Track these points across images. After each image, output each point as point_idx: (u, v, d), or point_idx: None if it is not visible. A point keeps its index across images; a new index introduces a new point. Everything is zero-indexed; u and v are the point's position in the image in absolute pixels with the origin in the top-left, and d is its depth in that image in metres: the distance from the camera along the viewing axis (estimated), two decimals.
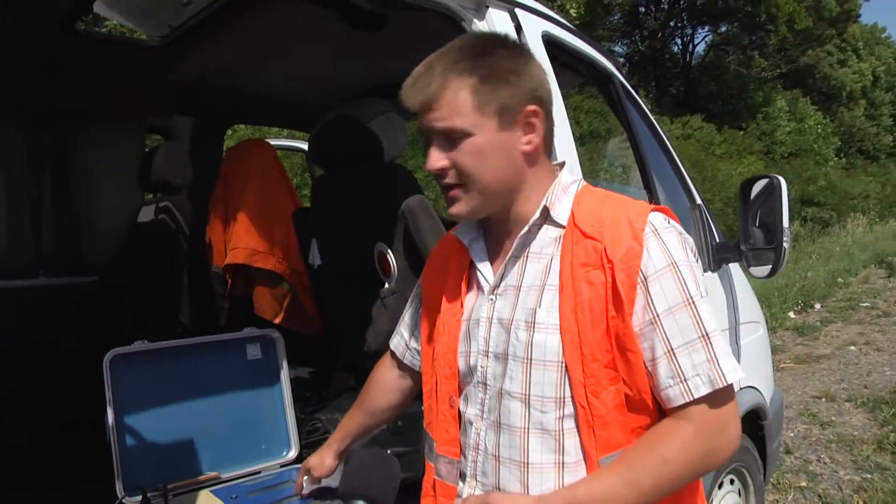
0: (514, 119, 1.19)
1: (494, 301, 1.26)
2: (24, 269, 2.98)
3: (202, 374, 2.07)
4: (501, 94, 1.17)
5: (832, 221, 20.99)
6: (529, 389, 1.19)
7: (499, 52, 1.20)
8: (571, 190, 1.26)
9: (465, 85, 1.16)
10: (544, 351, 1.17)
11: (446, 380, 1.33)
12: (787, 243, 2.45)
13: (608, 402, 1.14)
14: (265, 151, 2.98)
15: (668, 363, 1.12)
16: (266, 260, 2.75)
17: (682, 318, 1.12)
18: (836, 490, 4.03)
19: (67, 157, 3.10)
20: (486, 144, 1.18)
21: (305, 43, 2.57)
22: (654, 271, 1.13)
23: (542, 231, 1.24)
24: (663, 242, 1.15)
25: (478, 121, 1.17)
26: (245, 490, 1.97)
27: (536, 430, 1.19)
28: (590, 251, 1.16)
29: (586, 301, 1.14)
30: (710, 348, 1.12)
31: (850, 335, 8.33)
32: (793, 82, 30.47)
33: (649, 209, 1.19)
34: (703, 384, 1.11)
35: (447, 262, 1.40)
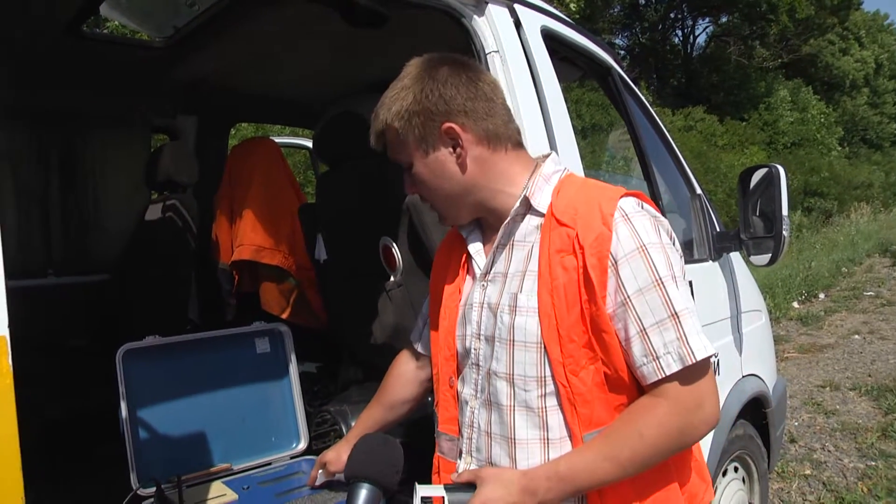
0: (434, 143, 1.29)
1: (486, 287, 1.35)
2: (34, 269, 3.02)
3: (212, 367, 2.10)
4: (413, 128, 1.28)
5: (835, 211, 20.95)
6: (513, 369, 1.27)
7: (406, 85, 1.30)
8: (553, 179, 1.33)
9: (388, 125, 1.30)
10: (525, 333, 1.25)
11: (446, 361, 1.42)
12: (786, 232, 2.48)
13: (587, 380, 1.21)
14: (269, 148, 3.00)
15: (640, 342, 1.18)
16: (272, 256, 2.77)
17: (652, 299, 1.17)
18: (840, 478, 4.06)
19: (75, 157, 3.13)
20: (423, 171, 1.31)
21: (308, 42, 2.60)
22: (623, 255, 1.18)
23: (526, 220, 1.32)
24: (633, 226, 1.20)
25: (409, 153, 1.31)
26: (256, 481, 2.00)
27: (521, 408, 1.27)
28: (564, 238, 1.23)
29: (561, 285, 1.21)
30: (680, 326, 1.17)
31: (854, 324, 8.34)
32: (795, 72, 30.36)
33: (620, 194, 1.25)
34: (674, 361, 1.16)
35: (451, 253, 1.49)
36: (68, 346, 2.86)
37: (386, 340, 2.24)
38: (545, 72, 2.00)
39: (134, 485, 1.84)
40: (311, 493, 1.89)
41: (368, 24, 2.06)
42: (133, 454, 1.85)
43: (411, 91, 1.29)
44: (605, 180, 1.42)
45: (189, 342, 2.08)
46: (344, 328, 2.62)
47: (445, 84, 1.29)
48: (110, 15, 2.72)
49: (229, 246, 2.89)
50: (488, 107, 1.31)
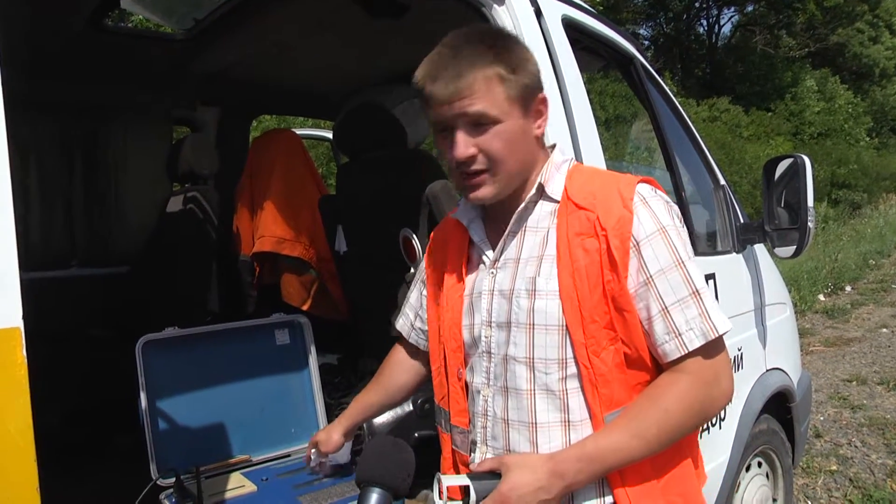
0: (530, 106, 1.26)
1: (495, 274, 1.34)
2: (58, 260, 3.06)
3: (232, 359, 2.11)
4: (524, 83, 1.23)
5: (863, 203, 20.62)
6: (533, 353, 1.26)
7: (512, 43, 1.27)
8: (563, 168, 1.34)
9: (494, 74, 1.20)
10: (545, 316, 1.25)
11: (453, 353, 1.40)
12: (811, 223, 2.44)
13: (608, 360, 1.22)
14: (290, 140, 3.01)
15: (662, 320, 1.20)
16: (293, 247, 2.78)
17: (674, 278, 1.20)
18: (868, 474, 3.99)
19: (97, 149, 3.16)
20: (512, 130, 1.24)
21: (328, 32, 2.59)
22: (644, 236, 1.21)
23: (538, 206, 1.32)
24: (651, 209, 1.23)
25: (506, 108, 1.22)
26: (275, 472, 2.01)
27: (542, 392, 1.26)
28: (583, 221, 1.24)
29: (583, 267, 1.22)
30: (702, 303, 1.20)
31: (882, 317, 8.21)
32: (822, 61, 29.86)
33: (637, 180, 1.27)
34: (697, 337, 1.19)
35: (447, 243, 1.47)
36: (90, 337, 2.89)
37: None
38: (566, 61, 1.98)
39: (154, 475, 1.85)
40: (331, 483, 1.90)
41: (388, 14, 2.05)
42: (152, 445, 1.87)
43: (518, 46, 1.27)
44: (628, 171, 1.41)
45: (208, 333, 2.09)
46: (364, 320, 2.62)
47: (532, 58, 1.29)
48: (131, 8, 2.73)
49: (250, 237, 2.90)
50: None
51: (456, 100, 1.20)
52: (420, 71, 1.25)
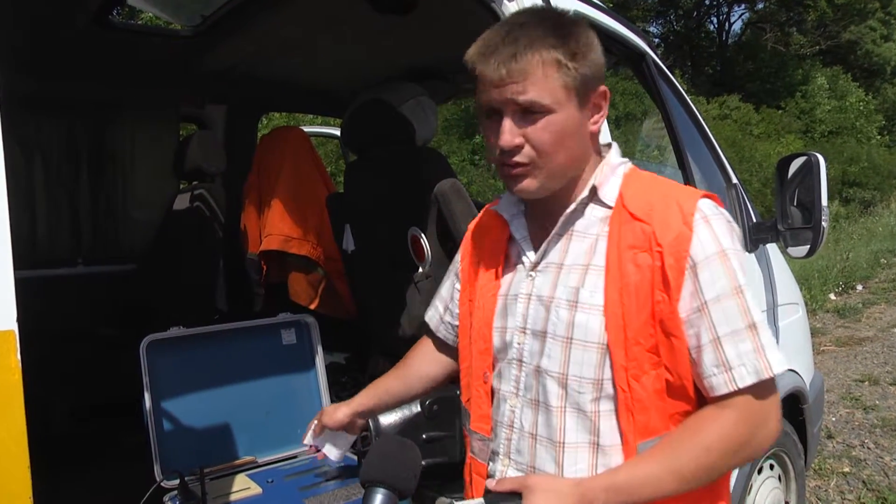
0: (588, 99, 1.17)
1: (534, 278, 1.25)
2: (64, 258, 3.05)
3: (237, 359, 2.09)
4: (584, 73, 1.14)
5: (875, 201, 20.48)
6: (568, 369, 1.17)
7: (577, 28, 1.16)
8: (619, 171, 1.24)
9: (553, 60, 1.11)
10: (585, 332, 1.16)
11: (480, 355, 1.32)
12: (825, 222, 2.39)
13: (648, 386, 1.13)
14: (298, 138, 2.99)
15: (713, 351, 1.10)
16: (300, 246, 2.76)
17: (730, 307, 1.10)
18: (881, 476, 3.94)
19: (103, 147, 3.15)
20: (565, 123, 1.14)
21: (336, 29, 2.56)
22: (703, 257, 1.11)
23: (588, 210, 1.22)
24: (713, 229, 1.12)
25: (561, 98, 1.13)
26: (281, 474, 1.99)
27: (573, 410, 1.18)
28: (638, 233, 1.14)
29: (632, 284, 1.13)
30: (758, 338, 1.10)
31: (894, 317, 8.13)
32: (833, 59, 29.67)
33: (699, 195, 1.17)
34: (749, 374, 1.09)
35: (485, 237, 1.39)
36: (97, 335, 2.88)
37: (414, 332, 2.21)
38: None
39: (157, 477, 1.83)
40: (337, 486, 1.87)
41: (396, 9, 2.02)
42: (156, 446, 1.85)
43: (586, 34, 1.16)
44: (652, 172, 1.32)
45: (214, 333, 2.08)
46: (372, 319, 2.60)
47: (598, 47, 1.18)
48: (137, 4, 2.72)
49: (257, 236, 2.89)
50: None
51: (508, 83, 1.12)
52: (473, 47, 1.16)
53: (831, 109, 26.36)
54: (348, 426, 1.63)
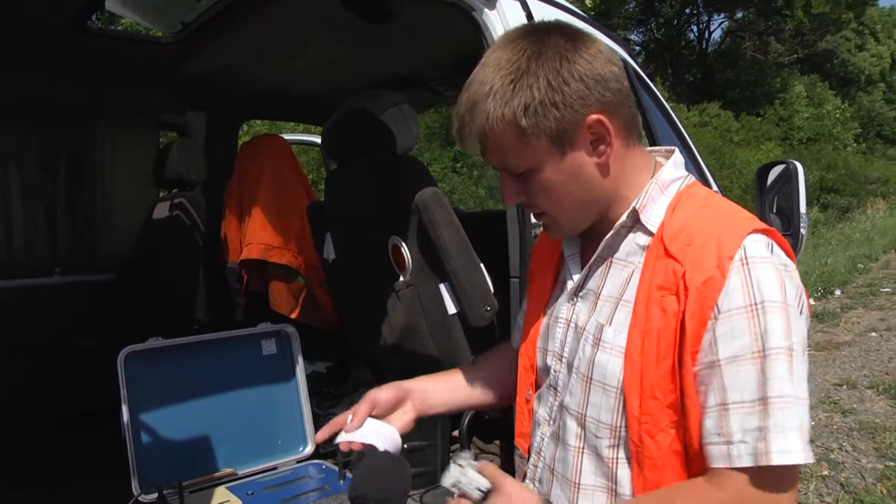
0: (574, 139, 1.05)
1: (575, 304, 1.17)
2: (40, 268, 3.01)
3: (217, 370, 2.07)
4: (549, 121, 1.03)
5: (852, 207, 20.76)
6: (586, 410, 1.10)
7: (535, 63, 1.03)
8: (671, 189, 1.11)
9: (507, 123, 1.03)
10: (605, 374, 1.07)
11: (525, 372, 1.27)
12: (804, 229, 2.43)
13: (664, 445, 1.02)
14: (278, 146, 2.98)
15: (717, 416, 0.97)
16: (281, 255, 2.75)
17: (746, 372, 0.95)
18: (858, 479, 3.98)
19: (82, 154, 3.11)
20: (552, 176, 1.06)
21: (317, 36, 2.56)
22: (727, 309, 0.96)
23: (631, 236, 1.11)
24: (750, 276, 0.97)
25: (535, 155, 1.05)
26: (261, 486, 1.97)
27: (590, 453, 1.10)
28: (669, 273, 1.02)
29: (655, 329, 1.01)
30: (767, 417, 0.93)
31: (871, 321, 8.22)
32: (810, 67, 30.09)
33: (749, 230, 1.00)
34: (746, 454, 0.94)
35: (546, 250, 1.32)
36: (75, 346, 2.84)
37: (395, 341, 2.20)
38: None
39: (135, 490, 1.81)
40: (318, 497, 1.86)
41: (377, 17, 2.02)
42: (134, 459, 1.83)
43: (539, 75, 1.02)
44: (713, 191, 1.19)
45: (193, 344, 2.06)
46: (353, 328, 2.59)
47: (580, 61, 1.03)
48: (116, 10, 2.69)
49: (238, 244, 2.87)
50: (620, 87, 1.07)
51: (484, 155, 1.09)
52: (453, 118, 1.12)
53: (809, 117, 26.74)
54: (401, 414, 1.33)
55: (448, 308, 2.04)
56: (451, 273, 1.98)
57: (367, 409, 1.26)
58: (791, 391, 0.94)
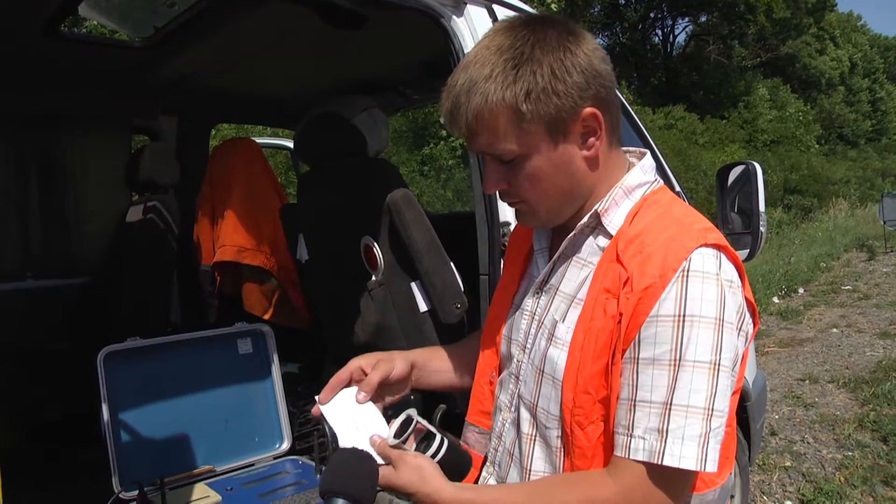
0: (568, 130, 1.06)
1: (539, 297, 1.20)
2: (12, 272, 3.00)
3: (195, 369, 2.10)
4: (549, 108, 1.03)
5: (814, 207, 21.20)
6: (538, 400, 1.14)
7: (537, 59, 1.03)
8: (636, 194, 1.13)
9: (506, 106, 1.02)
10: (554, 368, 1.10)
11: (490, 354, 1.30)
12: (763, 227, 2.51)
13: (593, 436, 1.06)
14: (250, 149, 3.01)
15: (626, 410, 1.01)
16: (254, 256, 2.77)
17: (659, 376, 0.99)
18: (819, 469, 4.11)
19: (53, 158, 3.11)
20: (544, 164, 1.07)
21: (288, 42, 2.59)
22: (656, 314, 0.99)
23: (593, 236, 1.14)
24: (687, 288, 0.99)
25: (528, 141, 1.05)
26: (239, 482, 2.01)
27: (541, 442, 1.15)
28: (615, 277, 1.04)
29: (596, 329, 1.05)
30: (667, 421, 0.97)
31: (833, 318, 8.43)
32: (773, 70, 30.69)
33: (699, 243, 1.02)
34: (641, 450, 0.98)
35: (521, 239, 1.34)
36: (48, 350, 2.84)
37: (368, 339, 2.25)
38: None
39: (116, 488, 1.83)
40: (295, 492, 1.90)
41: (348, 24, 2.07)
42: (115, 457, 1.85)
43: (543, 63, 1.02)
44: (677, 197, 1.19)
45: (171, 344, 2.09)
46: (326, 328, 2.62)
47: (581, 55, 1.04)
48: (89, 15, 2.71)
49: (211, 247, 2.89)
50: (612, 85, 1.09)
51: (471, 136, 1.07)
52: (442, 103, 1.10)
53: (772, 119, 27.24)
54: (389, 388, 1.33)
55: (419, 306, 2.09)
56: (422, 272, 2.03)
57: (347, 377, 1.29)
58: (705, 403, 0.97)
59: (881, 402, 5.11)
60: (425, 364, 1.38)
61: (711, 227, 1.07)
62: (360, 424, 1.23)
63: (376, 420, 1.24)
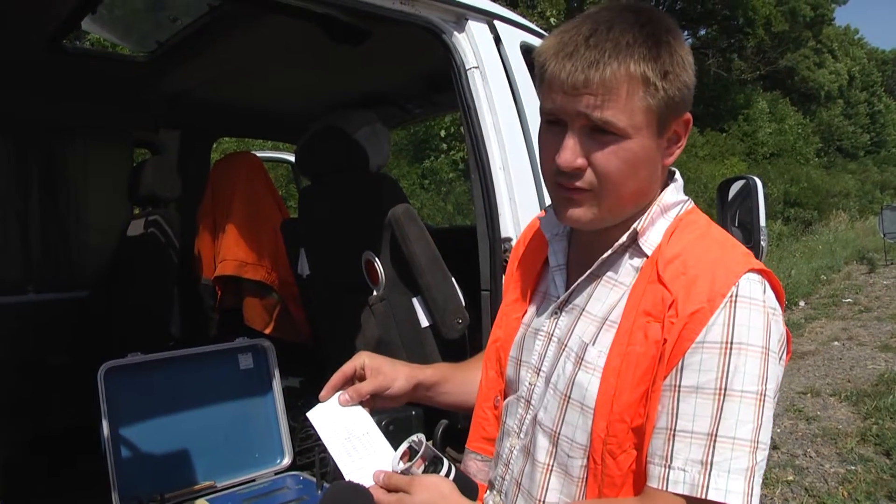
0: (669, 126, 1.02)
1: (558, 317, 1.13)
2: (14, 285, 3.00)
3: (195, 384, 2.09)
4: (672, 95, 0.98)
5: (815, 220, 21.22)
6: (561, 428, 1.06)
7: (674, 40, 1.00)
8: (671, 213, 1.08)
9: (640, 76, 0.96)
10: (584, 394, 1.03)
11: (494, 377, 1.24)
12: (764, 242, 2.51)
13: (624, 465, 1.00)
14: (251, 163, 3.02)
15: (664, 439, 0.96)
16: (255, 271, 2.78)
17: (703, 405, 0.94)
18: (821, 483, 4.09)
19: (56, 172, 3.12)
20: (638, 151, 0.99)
21: (290, 57, 2.61)
22: (702, 340, 0.94)
23: (627, 255, 1.07)
24: (735, 314, 0.94)
25: (639, 122, 0.97)
26: (240, 498, 2.00)
27: (560, 471, 1.07)
28: (657, 300, 0.99)
29: (635, 354, 0.99)
30: (712, 453, 0.92)
31: (834, 331, 8.42)
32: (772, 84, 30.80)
33: (746, 269, 0.97)
34: (682, 483, 0.93)
35: (526, 251, 1.28)
36: (49, 364, 2.84)
37: None
38: (525, 88, 2.03)
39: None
40: None
41: (349, 40, 2.08)
42: (115, 473, 1.84)
43: (678, 53, 0.99)
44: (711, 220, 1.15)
45: (171, 359, 2.08)
46: (327, 342, 2.62)
47: (691, 63, 1.02)
48: (92, 29, 2.72)
49: (212, 261, 2.89)
50: None
51: (583, 93, 0.96)
52: (547, 41, 1.01)
53: (772, 132, 27.30)
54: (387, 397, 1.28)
55: (421, 321, 2.09)
56: (424, 287, 2.03)
57: (351, 372, 1.25)
58: (751, 436, 0.92)
59: (883, 416, 5.09)
60: (433, 385, 1.32)
61: (751, 253, 1.03)
62: (353, 436, 1.17)
63: (370, 430, 1.18)
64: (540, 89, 1.05)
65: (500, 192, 1.85)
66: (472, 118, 1.88)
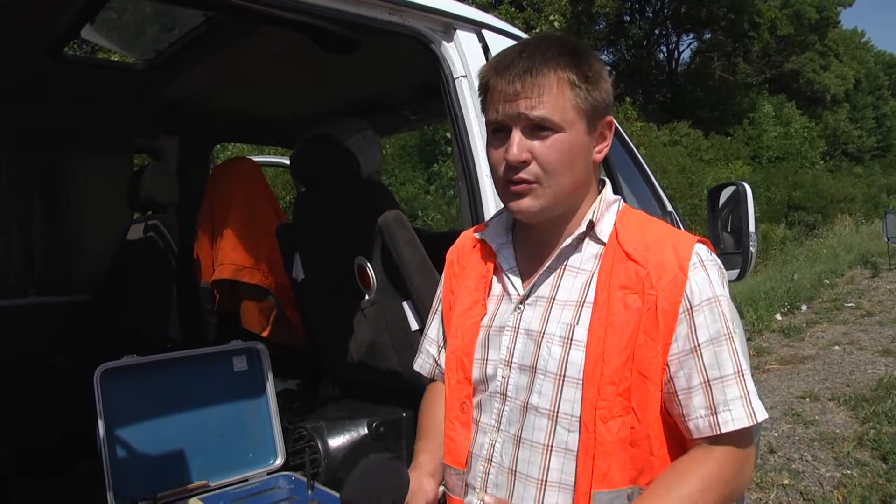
0: (596, 126, 1.20)
1: (522, 311, 1.24)
2: (15, 289, 3.05)
3: (190, 386, 2.13)
4: (595, 97, 1.17)
5: (819, 224, 21.17)
6: (559, 406, 1.17)
7: (591, 55, 1.20)
8: (614, 208, 1.25)
9: (567, 79, 1.15)
10: (579, 369, 1.15)
11: (459, 384, 1.30)
12: (753, 247, 2.54)
13: (614, 431, 1.12)
14: (249, 168, 3.06)
15: (703, 394, 1.12)
16: (252, 275, 2.82)
17: (721, 352, 1.13)
18: (817, 487, 4.11)
19: (56, 178, 3.17)
20: (573, 144, 1.17)
21: (285, 64, 2.65)
22: (698, 302, 1.13)
23: (584, 245, 1.23)
24: (707, 275, 1.15)
25: (571, 118, 1.16)
26: (233, 497, 2.03)
27: (560, 450, 1.17)
28: (631, 274, 1.15)
29: (618, 323, 1.13)
30: (745, 385, 1.13)
31: (835, 335, 8.43)
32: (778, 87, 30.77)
33: (695, 240, 1.19)
34: (734, 420, 1.11)
35: (467, 264, 1.38)
36: (49, 366, 2.88)
37: (361, 357, 2.28)
38: None
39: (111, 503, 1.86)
40: None
41: (340, 50, 2.12)
42: (110, 473, 1.88)
43: (596, 63, 1.19)
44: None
45: (167, 361, 2.12)
46: (321, 345, 2.66)
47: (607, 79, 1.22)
48: (92, 38, 2.78)
49: (210, 265, 2.93)
50: None
51: (521, 97, 1.14)
52: (488, 63, 1.21)
53: (777, 136, 27.24)
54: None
55: (411, 324, 2.13)
56: (413, 291, 2.07)
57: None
58: (748, 363, 1.18)
59: (881, 421, 5.10)
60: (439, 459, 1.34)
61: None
62: None
63: None
64: (484, 106, 1.23)
65: (486, 200, 1.88)
66: (460, 126, 1.92)
